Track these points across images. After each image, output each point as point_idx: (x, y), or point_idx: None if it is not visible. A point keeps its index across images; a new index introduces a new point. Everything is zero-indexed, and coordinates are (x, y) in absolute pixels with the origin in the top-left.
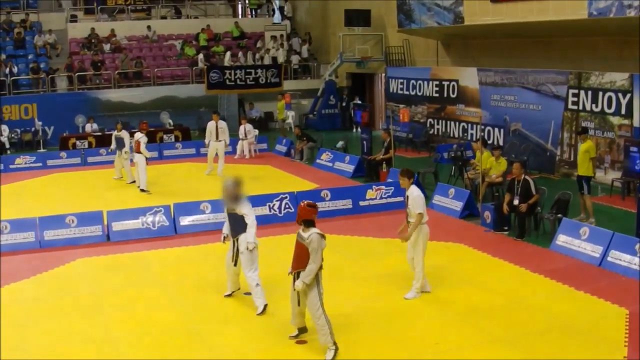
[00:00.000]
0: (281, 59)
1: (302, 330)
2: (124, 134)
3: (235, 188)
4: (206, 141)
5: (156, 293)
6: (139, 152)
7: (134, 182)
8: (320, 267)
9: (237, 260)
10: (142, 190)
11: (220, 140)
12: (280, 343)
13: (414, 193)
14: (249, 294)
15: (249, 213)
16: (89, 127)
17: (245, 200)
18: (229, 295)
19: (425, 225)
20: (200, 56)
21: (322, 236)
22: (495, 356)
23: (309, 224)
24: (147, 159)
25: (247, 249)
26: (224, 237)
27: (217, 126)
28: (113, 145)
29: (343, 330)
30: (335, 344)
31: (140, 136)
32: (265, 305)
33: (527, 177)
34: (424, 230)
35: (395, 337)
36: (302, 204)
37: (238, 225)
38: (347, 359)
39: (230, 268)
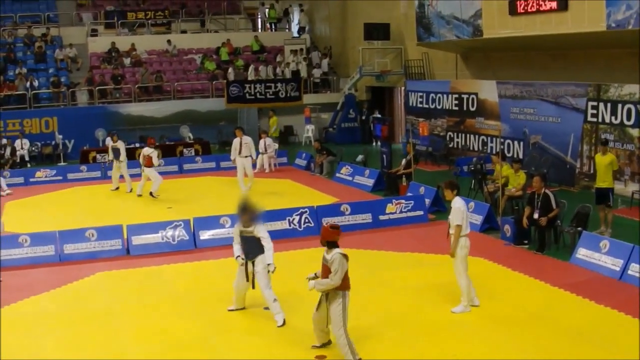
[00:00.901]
0: (303, 72)
1: (326, 344)
2: (120, 145)
3: (251, 209)
4: (232, 158)
5: (175, 307)
6: (149, 166)
7: (131, 190)
8: (348, 288)
9: (254, 282)
10: (151, 194)
11: (245, 156)
12: (299, 356)
13: (456, 204)
14: (268, 308)
15: (266, 236)
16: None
17: (260, 221)
18: (232, 310)
19: (465, 238)
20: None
21: (345, 257)
22: None
23: (332, 245)
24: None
25: (269, 271)
26: (239, 257)
27: (241, 142)
28: (110, 157)
29: (365, 343)
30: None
31: (150, 151)
32: (284, 319)
33: (547, 190)
34: (462, 243)
35: (416, 351)
36: (326, 226)
37: (254, 247)
38: None
39: (240, 287)
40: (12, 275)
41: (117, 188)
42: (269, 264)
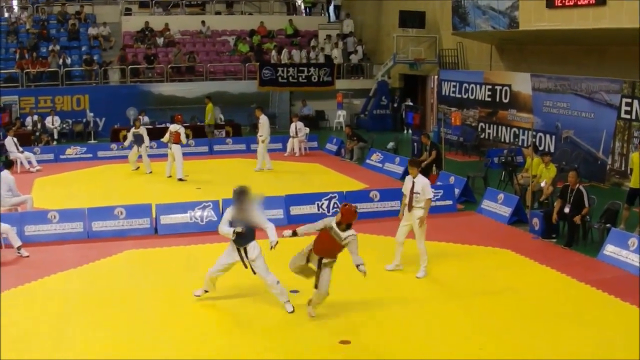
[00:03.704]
0: (339, 58)
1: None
2: (142, 130)
3: (248, 196)
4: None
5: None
6: (176, 143)
7: (151, 172)
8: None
9: (252, 268)
10: (180, 179)
11: (260, 135)
12: (324, 340)
13: (424, 180)
14: (295, 291)
15: (264, 220)
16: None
17: (255, 209)
18: (199, 296)
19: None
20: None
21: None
22: None
23: (350, 226)
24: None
25: (272, 247)
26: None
27: (258, 122)
28: (128, 142)
29: (387, 330)
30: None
31: (178, 127)
32: (293, 306)
33: (581, 186)
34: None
35: (440, 341)
36: (351, 208)
37: (248, 234)
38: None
39: (219, 272)
40: (40, 251)
41: (138, 168)
42: (272, 241)
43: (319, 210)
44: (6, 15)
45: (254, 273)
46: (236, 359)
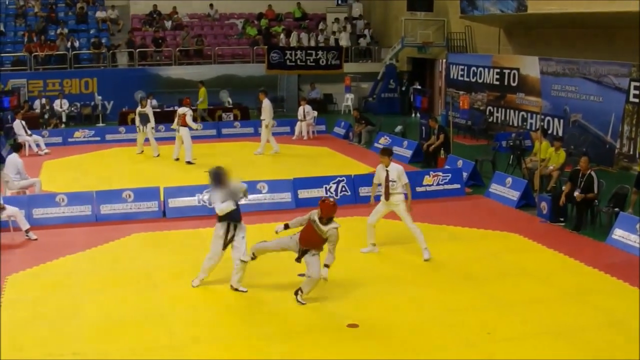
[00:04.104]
0: (347, 41)
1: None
2: (148, 110)
3: (226, 177)
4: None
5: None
6: (184, 125)
7: (158, 155)
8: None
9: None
10: (189, 162)
11: (262, 119)
12: (332, 324)
13: (399, 167)
14: (303, 274)
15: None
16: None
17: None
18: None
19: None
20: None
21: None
22: (545, 348)
23: (331, 219)
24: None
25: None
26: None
27: (261, 105)
28: (137, 122)
29: (395, 313)
30: None
31: (185, 110)
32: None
33: (592, 172)
34: (403, 198)
35: (449, 325)
36: (329, 203)
37: (238, 210)
38: (400, 343)
39: (218, 257)
40: (48, 234)
41: (142, 152)
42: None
43: (326, 193)
44: None
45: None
46: (243, 343)
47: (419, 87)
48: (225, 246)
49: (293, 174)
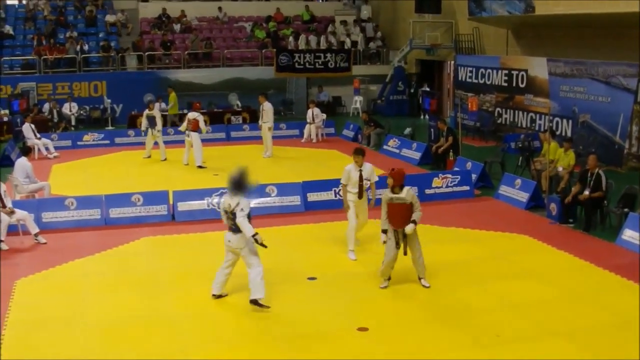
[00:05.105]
0: (356, 44)
1: (389, 278)
2: (156, 113)
3: (246, 184)
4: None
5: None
6: (194, 130)
7: (165, 159)
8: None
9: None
10: (200, 167)
11: (264, 122)
12: (343, 327)
13: (370, 165)
14: (313, 278)
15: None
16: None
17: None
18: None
19: None
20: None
21: None
22: (555, 349)
23: (402, 186)
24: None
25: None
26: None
27: (261, 108)
28: (144, 125)
29: (405, 316)
30: None
31: (196, 115)
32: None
33: (600, 170)
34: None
35: (458, 326)
36: (400, 169)
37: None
38: (409, 345)
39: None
40: (57, 238)
41: (149, 156)
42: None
43: (335, 196)
44: (24, 2)
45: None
46: (252, 345)
47: (427, 89)
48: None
49: (302, 177)
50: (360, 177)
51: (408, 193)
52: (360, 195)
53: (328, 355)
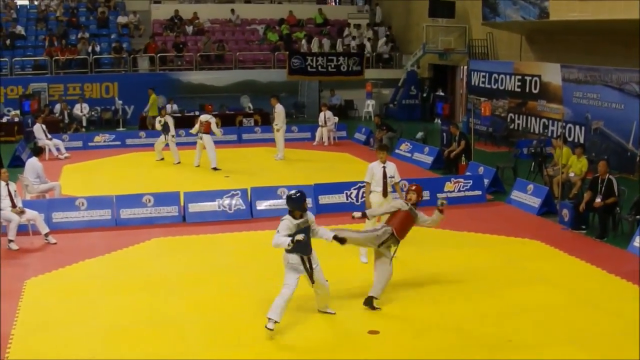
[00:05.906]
0: (370, 47)
1: None
2: (169, 119)
3: (304, 199)
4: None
5: (228, 276)
6: (207, 132)
7: (179, 162)
8: None
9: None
10: (215, 169)
11: (276, 125)
12: (353, 331)
13: (393, 164)
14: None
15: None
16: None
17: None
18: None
19: None
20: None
21: None
22: (567, 356)
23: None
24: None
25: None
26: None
27: (273, 111)
28: (159, 126)
29: (415, 320)
30: None
31: (208, 117)
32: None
33: (611, 176)
34: None
35: (469, 331)
36: (419, 187)
37: (308, 241)
38: (420, 349)
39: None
40: (68, 238)
41: (162, 158)
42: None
43: (347, 199)
44: (36, 2)
45: (313, 283)
46: (260, 350)
47: (440, 93)
48: (312, 279)
49: (314, 179)
50: (384, 174)
51: (419, 213)
52: (384, 193)
53: (341, 359)
